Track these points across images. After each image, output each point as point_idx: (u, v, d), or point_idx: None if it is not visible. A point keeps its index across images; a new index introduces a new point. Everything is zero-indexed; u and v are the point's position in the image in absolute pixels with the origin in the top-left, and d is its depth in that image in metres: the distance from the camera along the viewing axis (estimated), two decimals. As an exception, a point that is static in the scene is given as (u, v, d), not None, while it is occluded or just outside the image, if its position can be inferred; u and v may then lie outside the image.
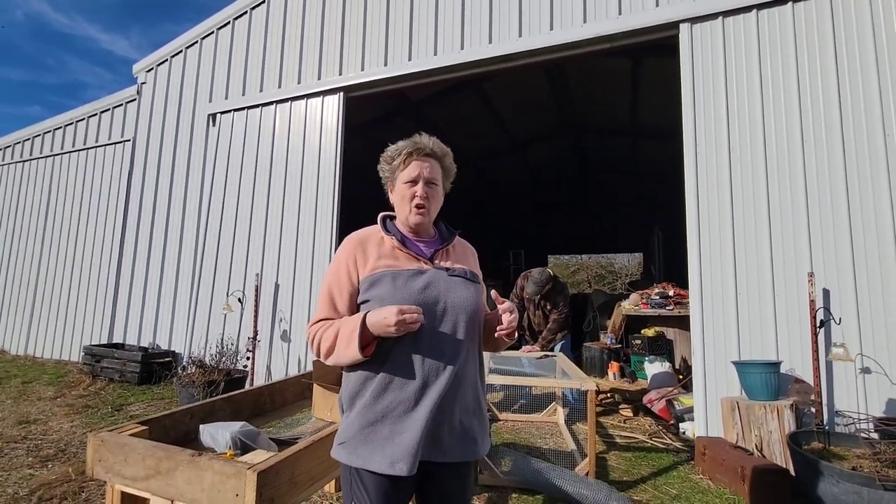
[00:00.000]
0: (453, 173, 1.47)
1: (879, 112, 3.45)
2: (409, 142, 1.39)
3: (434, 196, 1.38)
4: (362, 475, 1.20)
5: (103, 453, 1.63)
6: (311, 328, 1.32)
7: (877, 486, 2.29)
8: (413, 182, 1.35)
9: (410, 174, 1.36)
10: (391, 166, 1.40)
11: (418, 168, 1.36)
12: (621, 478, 3.13)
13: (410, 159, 1.37)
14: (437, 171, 1.39)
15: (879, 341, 3.22)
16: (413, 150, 1.37)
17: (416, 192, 1.35)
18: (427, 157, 1.38)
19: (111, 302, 6.80)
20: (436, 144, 1.40)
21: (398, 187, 1.39)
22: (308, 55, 5.91)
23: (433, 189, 1.38)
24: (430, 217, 1.40)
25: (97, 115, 7.58)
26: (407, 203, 1.36)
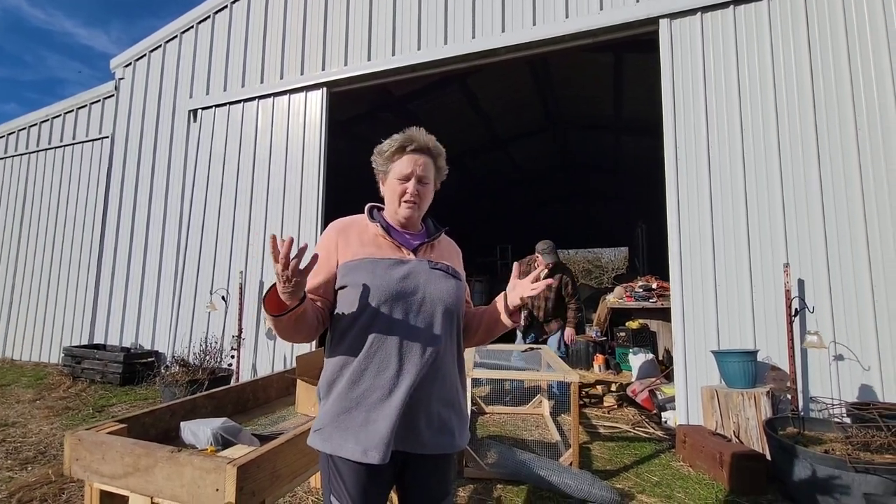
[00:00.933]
0: (445, 174, 1.47)
1: (851, 108, 3.54)
2: (405, 136, 1.37)
3: (425, 194, 1.38)
4: (338, 463, 1.20)
5: (80, 452, 1.61)
6: None
7: (848, 468, 2.37)
8: (405, 179, 1.35)
9: (403, 171, 1.34)
10: (384, 158, 1.39)
11: (412, 165, 1.35)
12: (605, 467, 3.19)
13: (404, 154, 1.36)
14: (431, 169, 1.38)
15: (852, 329, 3.32)
16: (408, 144, 1.36)
17: (406, 189, 1.34)
18: (422, 153, 1.37)
19: (91, 302, 6.66)
20: (431, 142, 1.39)
21: (390, 181, 1.38)
22: (290, 50, 5.84)
23: (425, 187, 1.37)
24: (420, 213, 1.39)
25: (74, 112, 7.41)
26: (397, 198, 1.36)
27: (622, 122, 9.24)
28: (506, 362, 4.28)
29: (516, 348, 4.48)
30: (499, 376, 3.70)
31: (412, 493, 1.30)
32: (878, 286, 3.30)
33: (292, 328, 1.19)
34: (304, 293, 1.14)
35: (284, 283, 1.08)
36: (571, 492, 2.67)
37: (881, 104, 3.46)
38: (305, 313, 1.18)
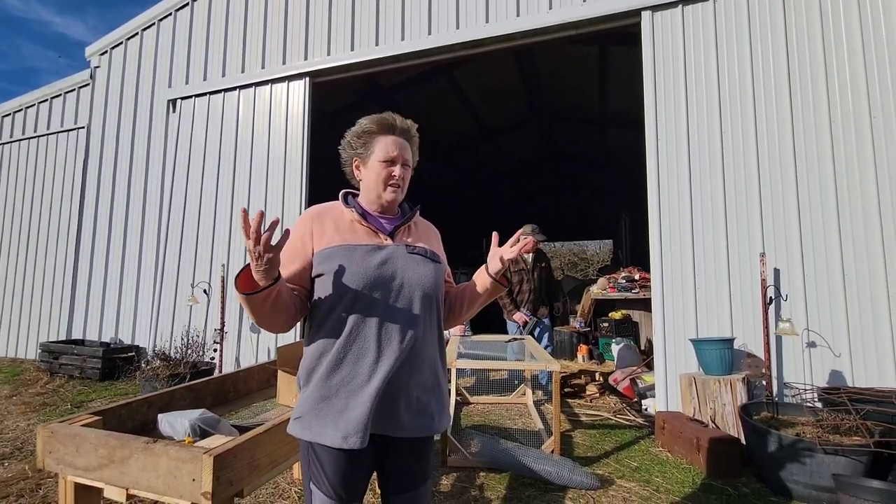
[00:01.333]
0: (416, 160, 1.47)
1: (826, 100, 3.61)
2: (385, 119, 1.36)
3: (407, 178, 1.39)
4: (317, 450, 1.20)
5: (54, 445, 1.58)
6: None
7: (817, 450, 2.45)
8: (391, 162, 1.34)
9: (389, 153, 1.33)
10: (363, 141, 1.36)
11: (396, 148, 1.34)
12: (586, 454, 3.24)
13: (386, 136, 1.35)
14: (409, 152, 1.39)
15: (824, 317, 3.41)
16: (391, 127, 1.35)
17: (393, 173, 1.33)
18: (403, 136, 1.37)
19: (69, 297, 6.52)
20: (411, 127, 1.39)
21: (372, 164, 1.35)
22: (272, 39, 5.74)
23: (407, 171, 1.38)
24: (402, 196, 1.40)
25: (48, 101, 7.19)
26: (382, 182, 1.34)
27: (608, 114, 9.30)
28: (488, 352, 4.30)
29: (500, 338, 4.51)
30: (482, 366, 3.72)
31: (392, 477, 1.30)
32: (850, 275, 3.39)
33: (268, 311, 1.16)
34: (277, 273, 1.12)
35: (257, 259, 1.06)
36: (552, 478, 2.72)
37: (854, 99, 3.54)
38: (280, 295, 1.16)
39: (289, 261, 1.28)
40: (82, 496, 1.60)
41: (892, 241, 3.33)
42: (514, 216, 15.61)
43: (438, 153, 11.12)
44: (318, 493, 1.21)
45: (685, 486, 2.75)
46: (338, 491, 1.20)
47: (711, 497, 2.61)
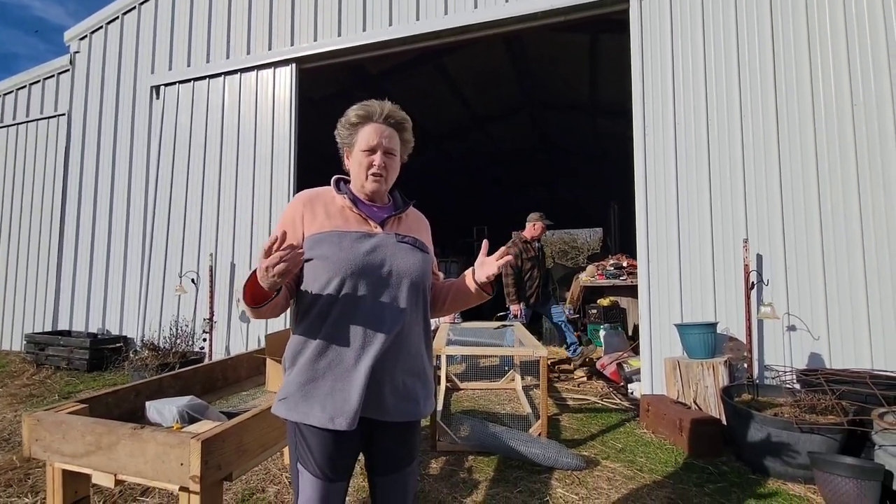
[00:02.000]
0: (411, 146, 1.46)
1: (809, 89, 3.65)
2: (369, 106, 1.35)
3: (392, 166, 1.37)
4: (304, 431, 1.22)
5: (40, 432, 1.58)
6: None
7: (794, 428, 2.53)
8: (371, 151, 1.33)
9: (369, 142, 1.33)
10: (348, 129, 1.37)
11: (378, 136, 1.33)
12: (572, 436, 3.31)
13: (369, 124, 1.34)
14: (396, 140, 1.37)
15: (804, 301, 3.50)
16: (373, 114, 1.34)
17: (373, 161, 1.33)
18: (387, 124, 1.35)
19: (53, 287, 6.42)
20: (397, 112, 1.37)
21: (356, 154, 1.36)
22: (257, 24, 5.63)
23: (391, 159, 1.36)
24: (387, 186, 1.39)
25: (27, 88, 6.99)
26: (364, 171, 1.34)
27: (598, 104, 9.31)
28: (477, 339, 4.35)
29: (489, 325, 4.55)
30: (471, 352, 3.76)
31: (378, 459, 1.33)
32: (829, 261, 3.47)
33: (268, 312, 1.24)
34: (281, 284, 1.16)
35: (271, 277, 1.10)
36: (539, 460, 2.77)
37: (837, 88, 3.58)
38: (281, 298, 1.23)
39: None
40: (70, 483, 1.61)
41: (870, 229, 3.41)
42: (504, 205, 15.67)
43: (429, 142, 11.06)
44: (306, 473, 1.23)
45: (668, 465, 2.82)
46: (324, 471, 1.22)
47: (692, 476, 2.69)
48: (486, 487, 2.54)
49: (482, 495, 2.45)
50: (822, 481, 2.36)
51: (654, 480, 2.64)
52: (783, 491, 2.52)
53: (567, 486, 2.57)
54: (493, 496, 2.44)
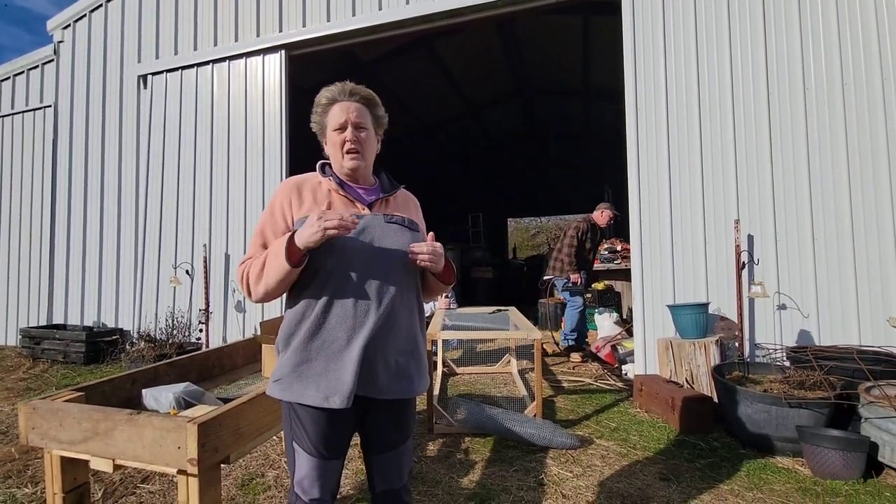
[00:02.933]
0: (385, 121, 1.45)
1: (801, 69, 3.65)
2: (334, 87, 1.37)
3: (366, 140, 1.36)
4: (298, 411, 1.24)
5: (36, 420, 1.59)
6: (240, 266, 1.33)
7: (783, 404, 2.58)
8: (341, 129, 1.34)
9: (338, 120, 1.34)
10: (319, 114, 1.38)
11: (345, 113, 1.34)
12: (567, 417, 3.36)
13: (336, 104, 1.35)
14: (366, 115, 1.37)
15: (794, 280, 3.54)
16: (338, 94, 1.35)
17: (345, 138, 1.34)
18: (353, 100, 1.36)
19: (47, 281, 6.39)
20: (363, 90, 1.38)
21: (329, 136, 1.37)
22: (244, 10, 5.53)
23: (363, 133, 1.36)
24: (366, 161, 1.38)
25: (10, 79, 6.86)
26: (339, 149, 1.35)
27: (591, 87, 9.26)
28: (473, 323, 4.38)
29: (484, 310, 4.58)
30: (466, 336, 3.79)
31: (373, 437, 1.35)
32: (819, 240, 3.51)
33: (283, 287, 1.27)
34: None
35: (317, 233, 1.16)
36: (534, 440, 2.82)
37: (827, 67, 3.58)
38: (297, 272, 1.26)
39: (271, 232, 1.32)
40: (69, 469, 1.62)
41: (859, 208, 3.45)
42: (499, 191, 15.65)
43: (421, 128, 10.99)
44: (301, 451, 1.25)
45: (660, 442, 2.88)
46: (319, 449, 1.24)
47: (684, 451, 2.75)
48: (483, 467, 2.58)
49: (479, 475, 2.50)
50: (809, 454, 2.42)
51: (646, 457, 2.69)
52: (771, 464, 2.58)
53: (562, 464, 2.62)
54: (489, 475, 2.49)
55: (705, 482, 2.40)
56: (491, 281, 10.63)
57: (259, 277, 1.25)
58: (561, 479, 2.45)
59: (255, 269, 1.27)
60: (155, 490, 2.43)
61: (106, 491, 2.42)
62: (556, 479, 2.44)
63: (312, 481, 1.26)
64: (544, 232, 25.95)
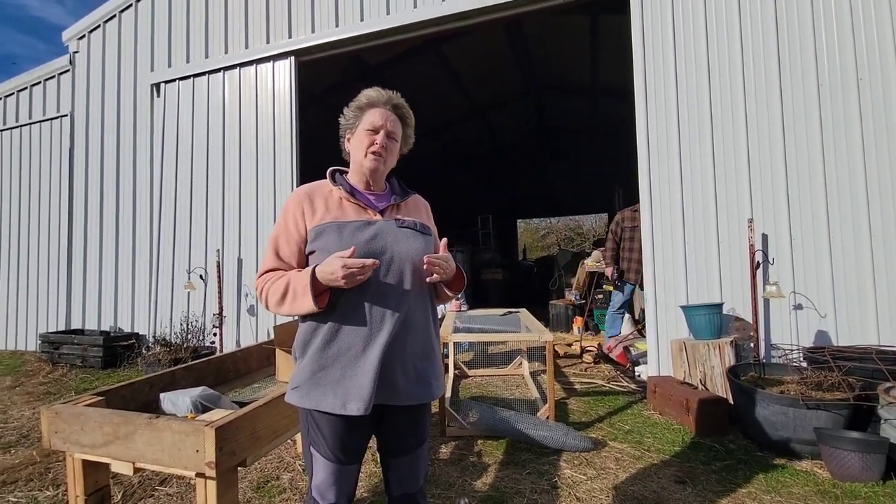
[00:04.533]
0: (412, 142, 1.51)
1: (814, 64, 3.60)
2: (381, 92, 1.41)
3: (392, 150, 1.40)
4: (316, 417, 1.26)
5: (59, 424, 1.62)
6: (258, 280, 1.34)
7: (800, 405, 2.54)
8: (375, 131, 1.37)
9: (374, 122, 1.37)
10: (355, 111, 1.41)
11: (383, 118, 1.37)
12: (580, 419, 3.35)
13: (376, 107, 1.39)
14: (399, 129, 1.42)
15: (810, 280, 3.48)
16: (384, 99, 1.40)
17: (375, 140, 1.36)
18: (395, 111, 1.41)
19: (65, 287, 6.52)
20: (404, 106, 1.44)
21: (358, 133, 1.39)
22: (254, 17, 5.61)
23: (392, 143, 1.40)
24: (385, 168, 1.41)
25: (28, 89, 7.03)
26: (364, 149, 1.37)
27: (599, 85, 9.21)
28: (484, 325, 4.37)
29: (495, 312, 4.58)
30: (478, 339, 3.79)
31: (390, 441, 1.36)
32: (835, 238, 3.45)
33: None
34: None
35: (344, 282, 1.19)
36: (548, 443, 2.81)
37: (841, 61, 3.53)
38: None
39: (285, 242, 1.33)
40: (90, 473, 1.66)
41: (876, 205, 3.38)
42: (508, 193, 15.61)
43: (429, 130, 11.02)
44: (319, 457, 1.27)
45: (675, 445, 2.85)
46: (337, 454, 1.25)
47: (699, 454, 2.72)
48: (496, 470, 2.58)
49: (492, 478, 2.50)
50: (827, 456, 2.38)
51: (661, 460, 2.67)
52: (790, 466, 2.54)
53: (575, 467, 2.60)
54: (502, 478, 2.48)
55: (722, 485, 2.37)
56: (501, 283, 10.61)
57: (281, 303, 1.27)
58: (575, 481, 2.44)
59: (275, 293, 1.28)
60: (172, 493, 2.47)
61: (125, 493, 2.46)
62: (569, 482, 2.43)
63: (330, 486, 1.28)
64: (554, 233, 25.84)
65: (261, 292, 1.32)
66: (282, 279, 1.28)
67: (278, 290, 1.27)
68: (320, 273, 1.21)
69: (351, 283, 1.20)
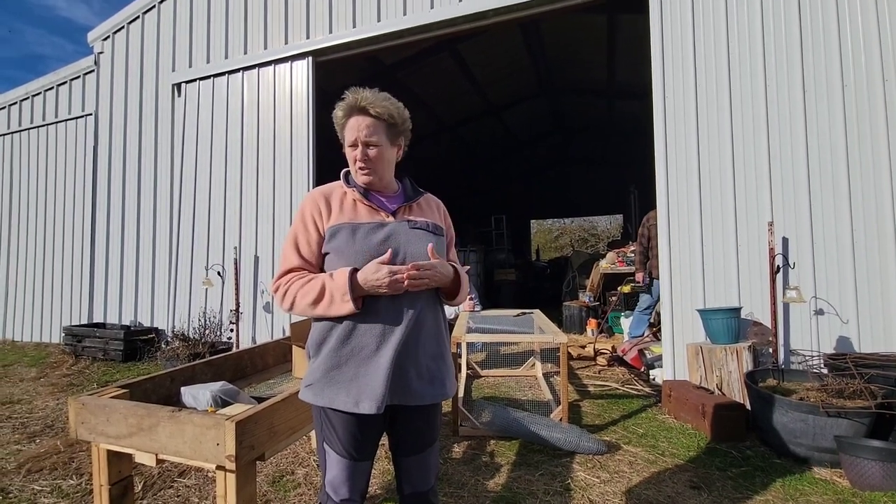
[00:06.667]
0: (404, 128, 1.42)
1: (839, 64, 3.52)
2: (347, 100, 1.34)
3: (377, 157, 1.35)
4: (330, 415, 1.28)
5: (85, 415, 1.68)
6: (279, 280, 1.33)
7: (820, 413, 2.50)
8: (353, 146, 1.36)
9: (349, 138, 1.36)
10: (340, 128, 1.40)
11: (355, 131, 1.34)
12: (593, 422, 3.33)
13: (350, 118, 1.36)
14: (379, 130, 1.34)
15: (832, 285, 3.41)
16: (351, 109, 1.35)
17: (356, 157, 1.35)
18: (365, 115, 1.33)
19: (88, 282, 6.70)
20: (376, 102, 1.33)
21: (345, 149, 1.40)
22: (273, 18, 5.69)
23: (375, 150, 1.34)
24: (378, 176, 1.38)
25: (54, 89, 7.23)
26: (353, 165, 1.39)
27: (616, 85, 9.12)
28: (498, 326, 4.38)
29: (508, 313, 4.58)
30: (492, 339, 3.79)
31: (402, 440, 1.38)
32: (859, 243, 3.37)
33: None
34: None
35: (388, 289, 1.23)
36: (561, 444, 2.80)
37: (867, 63, 3.44)
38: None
39: (305, 242, 1.35)
40: (115, 462, 1.71)
41: (903, 207, 3.29)
42: (522, 193, 15.55)
43: (444, 129, 11.04)
44: (332, 453, 1.29)
45: (690, 450, 2.82)
46: (349, 451, 1.28)
47: (716, 460, 2.68)
48: (508, 471, 2.58)
49: (504, 478, 2.50)
50: (848, 465, 2.33)
51: (676, 464, 2.64)
52: (808, 475, 2.49)
53: (588, 469, 2.59)
54: (515, 479, 2.48)
55: (738, 492, 2.34)
56: (514, 283, 10.58)
57: (314, 306, 1.26)
58: (588, 484, 2.43)
59: (307, 294, 1.27)
60: (191, 484, 2.52)
61: (146, 484, 2.52)
62: (582, 485, 2.42)
63: (342, 482, 1.30)
64: (567, 234, 25.67)
65: (285, 293, 1.30)
66: (313, 282, 1.27)
67: (310, 292, 1.26)
68: (363, 279, 1.23)
69: (394, 290, 1.22)
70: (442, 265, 1.32)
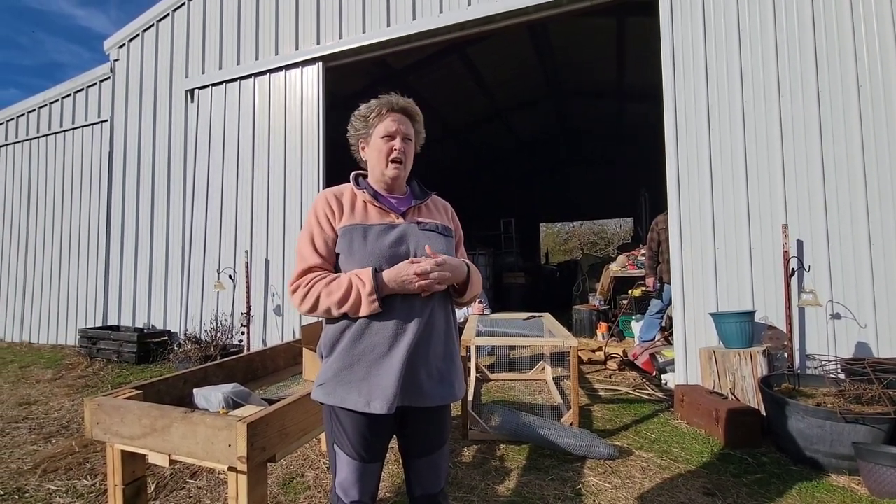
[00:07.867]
0: (423, 137, 1.51)
1: (854, 64, 3.47)
2: (384, 99, 1.42)
3: (409, 152, 1.43)
4: (340, 414, 1.28)
5: (100, 416, 1.70)
6: (299, 280, 1.32)
7: (837, 419, 2.45)
8: (391, 137, 1.39)
9: (388, 129, 1.39)
10: (367, 122, 1.42)
11: (396, 123, 1.39)
12: (604, 427, 3.29)
13: (387, 115, 1.40)
14: (411, 129, 1.43)
15: (849, 288, 3.35)
16: (389, 106, 1.41)
17: (393, 146, 1.38)
18: (403, 114, 1.42)
19: (102, 285, 6.81)
20: (410, 104, 1.44)
21: (374, 142, 1.41)
22: (284, 25, 5.76)
23: (408, 145, 1.42)
24: (406, 173, 1.44)
25: (71, 96, 7.39)
26: (384, 157, 1.39)
27: (626, 88, 9.08)
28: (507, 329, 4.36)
29: (518, 317, 4.56)
30: (501, 343, 3.78)
31: (412, 442, 1.38)
32: (876, 245, 3.31)
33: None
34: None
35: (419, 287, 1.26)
36: (571, 449, 2.78)
37: (883, 63, 3.39)
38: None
39: (321, 240, 1.35)
40: (129, 463, 1.73)
41: (922, 209, 3.23)
42: (531, 196, 15.51)
43: (452, 133, 11.06)
44: (342, 454, 1.29)
45: (703, 455, 2.78)
46: (359, 451, 1.28)
47: (730, 466, 2.64)
48: (518, 475, 2.57)
49: (514, 483, 2.48)
50: (866, 472, 2.28)
51: (689, 470, 2.60)
52: (826, 482, 2.44)
53: (599, 474, 2.57)
54: (525, 483, 2.47)
55: (754, 499, 2.30)
56: (524, 286, 10.54)
57: (340, 306, 1.25)
58: (599, 489, 2.41)
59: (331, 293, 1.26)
60: (203, 485, 2.54)
61: (158, 485, 2.55)
62: (594, 490, 2.40)
63: (353, 483, 1.30)
64: (576, 237, 25.53)
65: (306, 293, 1.28)
66: (338, 280, 1.27)
67: (335, 291, 1.25)
68: (392, 278, 1.24)
69: (427, 290, 1.25)
70: (452, 258, 1.34)
